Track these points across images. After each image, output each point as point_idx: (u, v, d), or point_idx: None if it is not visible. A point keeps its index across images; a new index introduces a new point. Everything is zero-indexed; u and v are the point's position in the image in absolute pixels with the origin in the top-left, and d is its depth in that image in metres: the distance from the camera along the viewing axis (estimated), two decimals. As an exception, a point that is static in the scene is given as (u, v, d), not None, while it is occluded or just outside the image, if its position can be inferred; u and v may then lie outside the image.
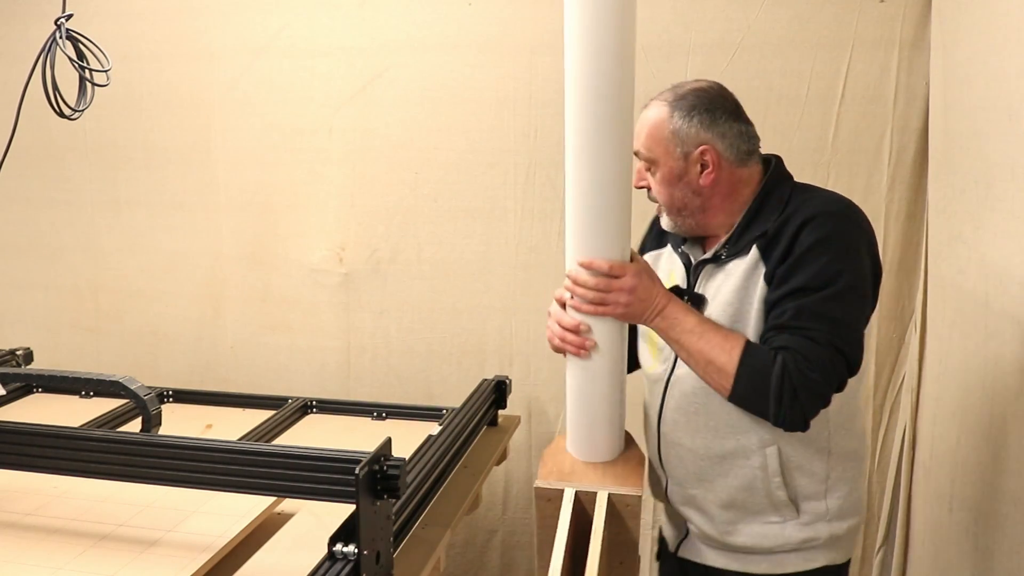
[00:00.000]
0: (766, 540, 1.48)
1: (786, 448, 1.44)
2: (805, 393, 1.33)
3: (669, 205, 1.50)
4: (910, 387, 2.35)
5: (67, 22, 1.60)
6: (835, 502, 1.47)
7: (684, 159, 1.46)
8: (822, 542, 1.48)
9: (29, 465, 1.51)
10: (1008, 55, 1.60)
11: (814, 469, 1.46)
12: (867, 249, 1.41)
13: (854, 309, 1.38)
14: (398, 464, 1.30)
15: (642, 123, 1.49)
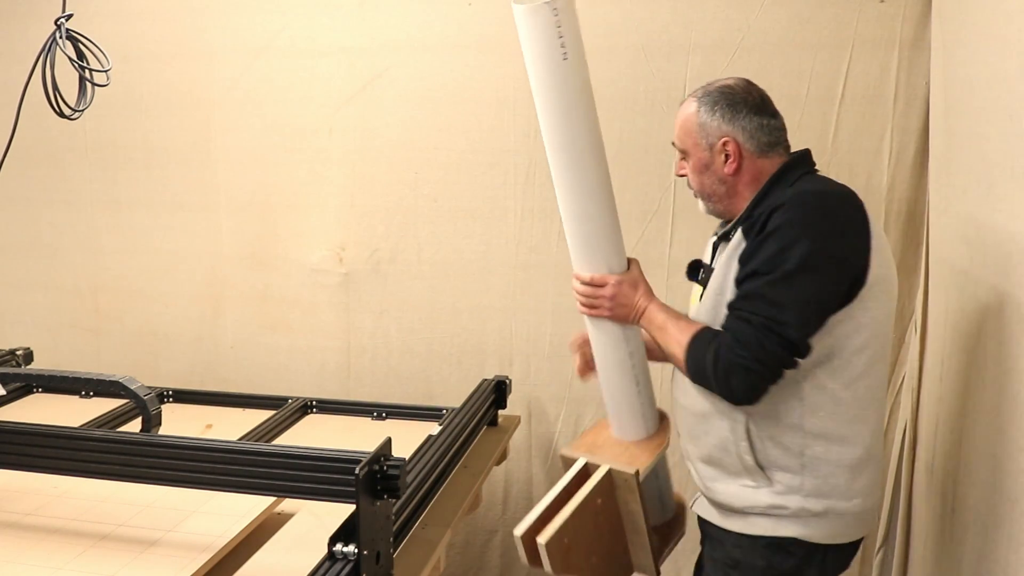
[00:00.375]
0: (738, 500, 1.58)
1: (753, 417, 1.54)
2: (734, 372, 1.47)
3: (700, 191, 1.65)
4: (910, 387, 2.35)
5: (67, 22, 1.60)
6: (813, 480, 1.53)
7: (709, 150, 1.60)
8: (790, 512, 1.54)
9: (29, 465, 1.51)
10: (1008, 55, 1.60)
11: (786, 443, 1.53)
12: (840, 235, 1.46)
13: (801, 291, 1.44)
14: (398, 464, 1.30)
15: (677, 117, 1.65)
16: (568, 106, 1.62)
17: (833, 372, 1.50)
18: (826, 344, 1.48)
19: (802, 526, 1.54)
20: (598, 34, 2.38)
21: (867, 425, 1.55)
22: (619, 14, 2.36)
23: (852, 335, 1.49)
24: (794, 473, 1.53)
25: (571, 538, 1.65)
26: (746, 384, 1.47)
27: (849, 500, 1.55)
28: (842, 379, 1.50)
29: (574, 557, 1.67)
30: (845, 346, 1.49)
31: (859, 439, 1.54)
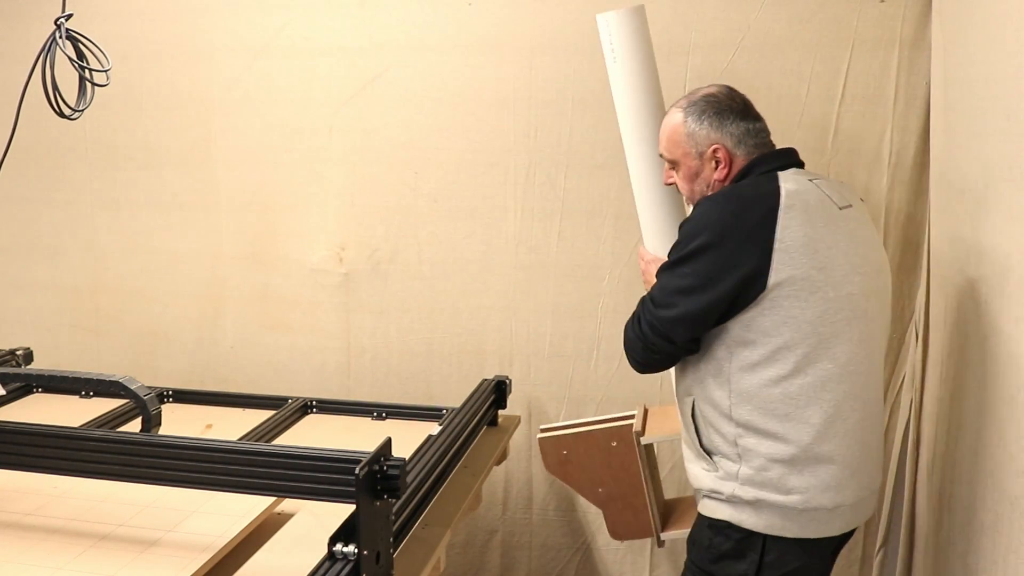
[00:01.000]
0: (696, 481, 1.70)
1: (698, 402, 1.66)
2: (625, 339, 1.69)
3: (691, 198, 1.73)
4: (911, 387, 2.35)
5: (67, 22, 1.60)
6: (747, 470, 1.59)
7: (699, 158, 1.68)
8: (724, 497, 1.62)
9: (29, 465, 1.51)
10: (1008, 55, 1.60)
11: (723, 431, 1.62)
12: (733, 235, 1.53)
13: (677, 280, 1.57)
14: (398, 464, 1.30)
15: (663, 129, 1.73)
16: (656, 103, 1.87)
17: (754, 367, 1.56)
18: (742, 338, 1.55)
19: (735, 510, 1.62)
20: (598, 34, 2.37)
21: (806, 425, 1.55)
22: (619, 14, 2.36)
23: (771, 332, 1.53)
24: (732, 461, 1.61)
25: (571, 453, 2.02)
26: (631, 354, 1.68)
27: (785, 495, 1.57)
28: (767, 375, 1.55)
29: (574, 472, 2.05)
30: (765, 343, 1.54)
31: (793, 437, 1.56)
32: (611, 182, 2.41)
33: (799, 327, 1.53)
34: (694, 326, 1.58)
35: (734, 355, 1.57)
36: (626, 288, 2.44)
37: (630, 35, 1.87)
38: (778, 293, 1.52)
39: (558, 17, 2.41)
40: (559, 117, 2.43)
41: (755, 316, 1.54)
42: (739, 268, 1.52)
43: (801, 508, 1.57)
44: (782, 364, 1.54)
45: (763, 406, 1.56)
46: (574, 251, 2.48)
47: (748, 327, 1.55)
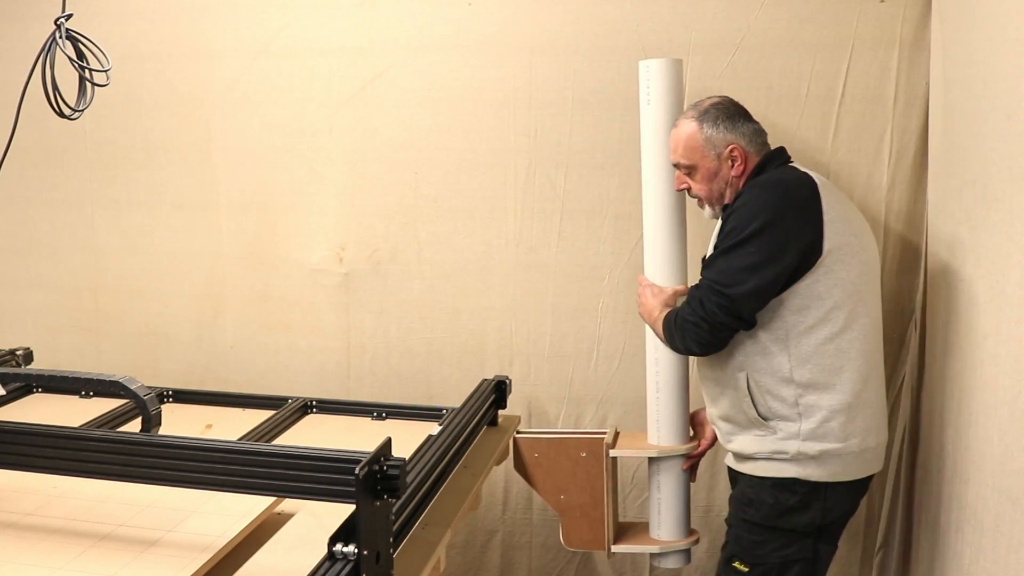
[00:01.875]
0: (748, 448, 1.85)
1: (753, 375, 1.82)
2: (685, 329, 1.82)
3: (710, 197, 1.91)
4: (910, 387, 2.35)
5: (67, 22, 1.60)
6: (809, 425, 1.78)
7: (718, 159, 1.88)
8: (790, 456, 1.80)
9: (29, 465, 1.51)
10: (1008, 55, 1.60)
11: (783, 395, 1.80)
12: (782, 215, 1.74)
13: (743, 259, 1.73)
14: (398, 464, 1.30)
15: (676, 139, 1.91)
16: None
17: (813, 331, 1.76)
18: (800, 306, 1.76)
19: (801, 467, 1.79)
20: (598, 34, 2.38)
21: (854, 373, 1.79)
22: (619, 14, 2.36)
23: (824, 296, 1.75)
24: (792, 421, 1.79)
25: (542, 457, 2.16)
26: (694, 338, 1.81)
27: (844, 442, 1.79)
28: (822, 334, 1.76)
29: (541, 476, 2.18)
30: (819, 306, 1.75)
31: (847, 386, 1.78)
32: (611, 182, 2.42)
33: (845, 288, 1.76)
34: (763, 298, 1.76)
35: (791, 322, 1.77)
36: (626, 288, 2.44)
37: (667, 84, 2.03)
38: (830, 259, 1.75)
39: (558, 17, 2.41)
40: (559, 117, 2.43)
41: (810, 283, 1.75)
42: (799, 241, 1.73)
43: (857, 451, 1.80)
44: (833, 323, 1.76)
45: (820, 363, 1.77)
46: (574, 251, 2.48)
47: (803, 294, 1.75)
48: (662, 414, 2.12)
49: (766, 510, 1.84)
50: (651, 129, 2.05)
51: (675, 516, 2.15)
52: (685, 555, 2.19)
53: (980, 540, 1.68)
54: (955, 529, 1.84)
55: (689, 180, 1.92)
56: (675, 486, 2.15)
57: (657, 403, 2.13)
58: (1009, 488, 1.54)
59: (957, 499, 1.84)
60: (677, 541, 2.16)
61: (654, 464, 2.16)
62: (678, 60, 2.06)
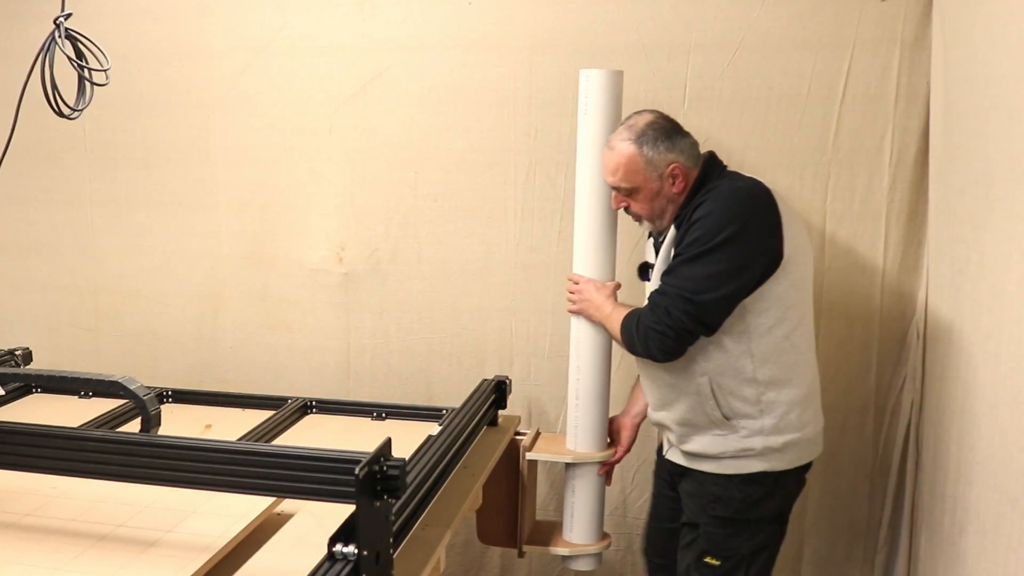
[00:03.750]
0: (712, 448, 1.90)
1: (717, 378, 1.86)
2: (650, 336, 1.83)
3: (651, 215, 1.93)
4: (911, 387, 2.35)
5: (66, 21, 1.60)
6: (770, 421, 1.86)
7: (659, 179, 1.89)
8: (757, 451, 1.87)
9: (28, 465, 1.50)
10: (1009, 55, 1.60)
11: (745, 394, 1.86)
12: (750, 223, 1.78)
13: (713, 267, 1.76)
14: (398, 464, 1.29)
15: (615, 162, 1.90)
16: None
17: (771, 331, 1.83)
18: (762, 309, 1.82)
19: (767, 461, 1.88)
20: (598, 34, 2.37)
21: (806, 367, 1.90)
22: (619, 14, 2.36)
23: (782, 297, 1.82)
24: (754, 418, 1.86)
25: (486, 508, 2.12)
26: (658, 346, 1.82)
27: (801, 431, 1.89)
28: (780, 333, 1.84)
29: None
30: (778, 307, 1.82)
31: (801, 379, 1.88)
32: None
33: (798, 287, 1.85)
34: (731, 306, 1.80)
35: (752, 324, 1.82)
36: (625, 288, 2.44)
37: (606, 95, 2.02)
38: (788, 262, 1.81)
39: (558, 17, 2.41)
40: (559, 117, 2.43)
41: (771, 287, 1.81)
42: (764, 248, 1.79)
43: (811, 437, 1.92)
44: (789, 321, 1.84)
45: (779, 361, 1.85)
46: (574, 251, 2.48)
47: (764, 297, 1.81)
48: (580, 421, 2.14)
49: (735, 504, 1.89)
50: (586, 138, 2.04)
51: (588, 520, 2.20)
52: (596, 558, 2.23)
53: (982, 541, 1.68)
54: (959, 530, 1.84)
55: (629, 200, 1.93)
56: (589, 491, 2.19)
57: (576, 410, 2.14)
58: (1010, 488, 1.53)
59: (961, 500, 1.83)
60: (588, 545, 2.20)
61: (570, 469, 2.19)
62: (619, 71, 2.05)
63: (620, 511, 2.58)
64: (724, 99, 2.33)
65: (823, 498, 2.46)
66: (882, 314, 2.35)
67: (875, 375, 2.38)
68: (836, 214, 2.33)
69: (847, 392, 2.40)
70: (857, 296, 2.36)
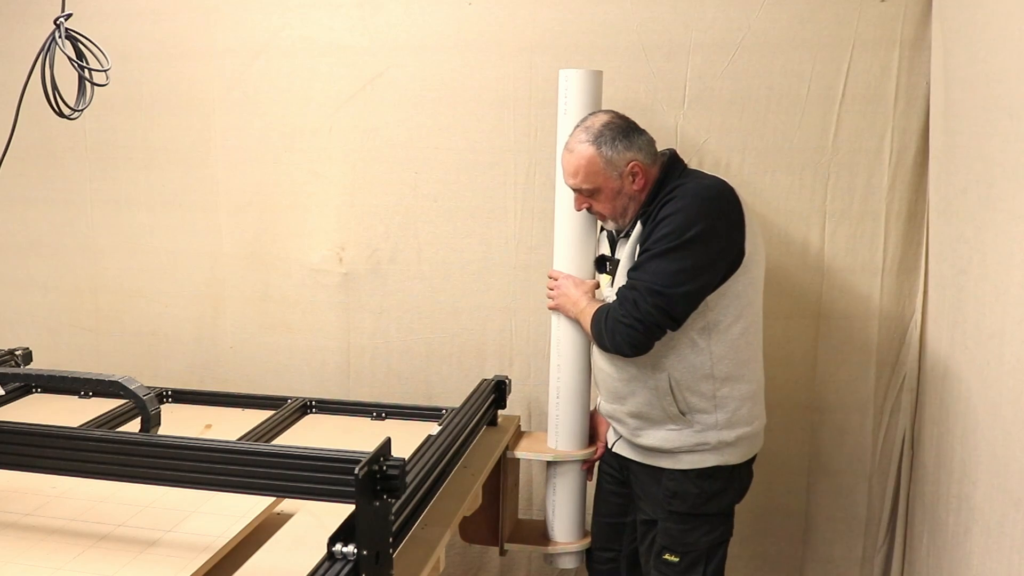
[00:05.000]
0: (667, 443, 1.93)
1: (675, 374, 1.89)
2: (617, 330, 1.84)
3: (614, 214, 1.94)
4: (911, 387, 2.35)
5: (66, 22, 1.60)
6: (724, 415, 1.90)
7: (619, 178, 1.90)
8: (711, 446, 1.91)
9: (28, 465, 1.50)
10: (1009, 55, 1.60)
11: (702, 390, 1.89)
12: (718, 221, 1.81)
13: (683, 262, 1.79)
14: (398, 464, 1.30)
15: (575, 165, 1.91)
16: None
17: (730, 328, 1.87)
18: (723, 306, 1.85)
19: (721, 455, 1.92)
20: (598, 34, 2.37)
21: (756, 363, 1.96)
22: (619, 14, 2.36)
23: (741, 294, 1.86)
24: (709, 413, 1.90)
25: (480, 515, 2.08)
26: (626, 339, 1.83)
27: (751, 424, 1.94)
28: (737, 330, 1.88)
29: None
30: (737, 304, 1.86)
31: (751, 375, 1.93)
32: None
33: (755, 285, 1.90)
34: (697, 301, 1.83)
35: (712, 320, 1.85)
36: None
37: (585, 96, 2.03)
38: (748, 260, 1.85)
39: (558, 17, 2.41)
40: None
41: (732, 284, 1.85)
42: (731, 245, 1.83)
43: (759, 431, 1.98)
44: (745, 318, 1.89)
45: (735, 357, 1.89)
46: (574, 251, 2.48)
47: (725, 294, 1.85)
48: (561, 419, 2.15)
49: (692, 499, 1.93)
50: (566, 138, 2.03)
51: (569, 518, 2.20)
52: (578, 556, 2.23)
53: (987, 541, 1.68)
54: (963, 530, 1.84)
55: (591, 200, 1.94)
56: (570, 490, 2.19)
57: (557, 408, 2.16)
58: (1013, 489, 1.54)
59: (966, 500, 1.83)
60: (570, 543, 2.21)
61: (551, 467, 2.20)
62: (598, 72, 2.06)
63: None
64: (724, 99, 2.33)
65: (822, 498, 2.46)
66: (882, 314, 2.35)
67: (875, 375, 2.38)
68: (836, 214, 2.33)
69: (847, 392, 2.40)
70: (857, 296, 2.36)
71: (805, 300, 2.39)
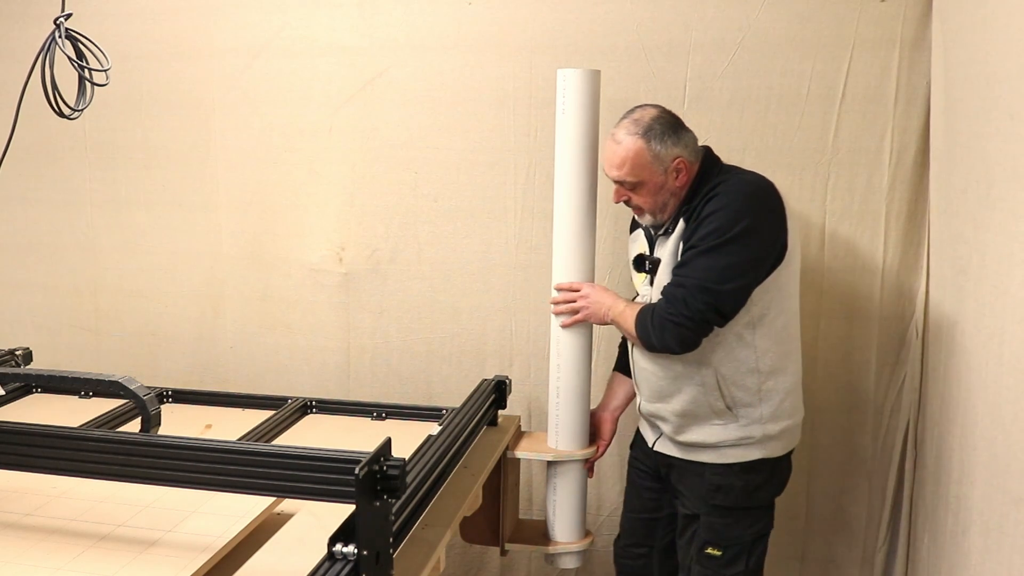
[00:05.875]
0: (711, 438, 1.94)
1: (721, 369, 1.90)
2: (666, 327, 1.84)
3: (654, 208, 1.94)
4: (912, 387, 2.35)
5: (66, 21, 1.60)
6: (768, 409, 1.92)
7: (664, 173, 1.90)
8: (756, 440, 1.92)
9: (28, 465, 1.50)
10: (1009, 55, 1.60)
11: (747, 384, 1.91)
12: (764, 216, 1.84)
13: (731, 258, 1.80)
14: (398, 464, 1.29)
15: (621, 156, 1.90)
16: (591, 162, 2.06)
17: (774, 321, 1.89)
18: (767, 300, 1.87)
19: (765, 448, 1.93)
20: (598, 34, 2.37)
21: (796, 355, 1.98)
22: (619, 14, 2.36)
23: (783, 287, 1.89)
24: (753, 407, 1.91)
25: None
26: (676, 337, 1.84)
27: (793, 417, 1.97)
28: (780, 323, 1.90)
29: None
30: (780, 297, 1.89)
31: (792, 368, 1.96)
32: (611, 182, 2.41)
33: (794, 278, 1.93)
34: (746, 296, 1.84)
35: (756, 315, 1.87)
36: (626, 289, 2.44)
37: (583, 95, 2.03)
38: (790, 254, 1.88)
39: (558, 17, 2.41)
40: (559, 117, 2.42)
41: (775, 277, 1.86)
42: (776, 240, 1.86)
43: (799, 422, 2.00)
44: (786, 312, 1.92)
45: (779, 349, 1.92)
46: (574, 251, 2.48)
47: (769, 288, 1.86)
48: (561, 419, 2.15)
49: (736, 492, 1.94)
50: (565, 138, 2.05)
51: (570, 518, 2.20)
52: (579, 556, 2.24)
53: (986, 542, 1.68)
54: (962, 530, 1.83)
55: (631, 193, 1.93)
56: (571, 489, 2.19)
57: (557, 408, 2.15)
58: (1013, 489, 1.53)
59: (964, 500, 1.83)
60: (571, 543, 2.21)
61: (551, 467, 2.20)
62: (596, 71, 2.05)
63: (620, 511, 2.57)
64: (723, 99, 2.33)
65: (823, 498, 2.46)
66: (882, 314, 2.35)
67: (875, 375, 2.38)
68: (836, 214, 2.33)
69: (847, 392, 2.40)
70: (857, 296, 2.36)
71: (805, 300, 2.38)
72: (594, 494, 2.54)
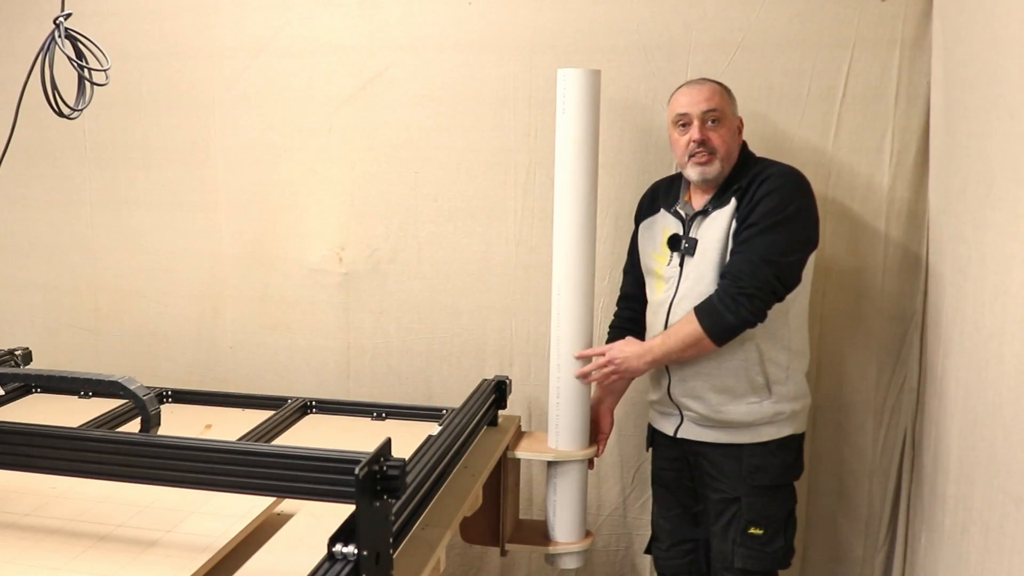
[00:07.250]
0: (748, 416, 2.01)
1: (761, 344, 1.99)
2: (741, 301, 1.91)
3: (725, 152, 2.02)
4: (911, 387, 2.35)
5: (66, 21, 1.60)
6: (792, 386, 2.04)
7: (735, 119, 2.07)
8: (787, 415, 2.03)
9: (28, 465, 1.50)
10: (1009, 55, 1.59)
11: (779, 360, 2.02)
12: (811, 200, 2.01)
13: (789, 234, 1.94)
14: (398, 464, 1.29)
15: (711, 89, 2.04)
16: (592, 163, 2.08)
17: (802, 302, 2.03)
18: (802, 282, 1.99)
19: (793, 424, 2.05)
20: (598, 34, 2.37)
21: (808, 336, 2.11)
22: (619, 14, 2.36)
23: (808, 271, 2.01)
24: (782, 384, 2.02)
25: None
26: (750, 308, 1.91)
27: (807, 396, 2.11)
28: (803, 305, 2.04)
29: None
30: (806, 280, 2.01)
31: (807, 348, 2.11)
32: (611, 182, 2.41)
33: (813, 264, 2.03)
34: (801, 271, 1.98)
35: (792, 295, 1.98)
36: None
37: (583, 94, 2.04)
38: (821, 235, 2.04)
39: (558, 17, 2.41)
40: (559, 117, 2.42)
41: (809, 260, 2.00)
42: (816, 224, 2.02)
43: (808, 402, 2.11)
44: (806, 295, 2.04)
45: (802, 330, 2.06)
46: (574, 251, 2.48)
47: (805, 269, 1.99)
48: (561, 420, 2.16)
49: (774, 471, 2.03)
50: (566, 137, 2.05)
51: (570, 518, 2.20)
52: (580, 556, 2.24)
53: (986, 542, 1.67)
54: (961, 530, 1.83)
55: (713, 130, 2.00)
56: (571, 489, 2.19)
57: (557, 408, 2.16)
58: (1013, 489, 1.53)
59: (963, 500, 1.83)
60: (571, 543, 2.21)
61: (551, 467, 2.20)
62: (596, 71, 2.06)
63: (620, 511, 2.58)
64: (724, 99, 2.33)
65: (823, 498, 2.46)
66: (882, 314, 2.35)
67: (875, 375, 2.38)
68: (836, 214, 2.33)
69: (847, 392, 2.40)
70: (857, 296, 2.36)
71: (805, 300, 2.39)
72: (594, 494, 2.53)
